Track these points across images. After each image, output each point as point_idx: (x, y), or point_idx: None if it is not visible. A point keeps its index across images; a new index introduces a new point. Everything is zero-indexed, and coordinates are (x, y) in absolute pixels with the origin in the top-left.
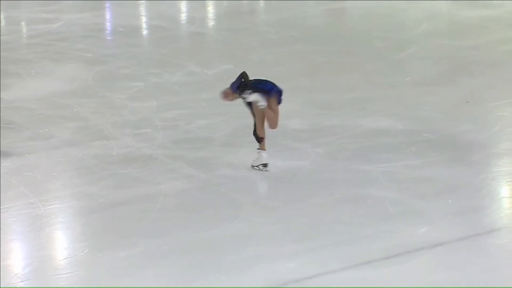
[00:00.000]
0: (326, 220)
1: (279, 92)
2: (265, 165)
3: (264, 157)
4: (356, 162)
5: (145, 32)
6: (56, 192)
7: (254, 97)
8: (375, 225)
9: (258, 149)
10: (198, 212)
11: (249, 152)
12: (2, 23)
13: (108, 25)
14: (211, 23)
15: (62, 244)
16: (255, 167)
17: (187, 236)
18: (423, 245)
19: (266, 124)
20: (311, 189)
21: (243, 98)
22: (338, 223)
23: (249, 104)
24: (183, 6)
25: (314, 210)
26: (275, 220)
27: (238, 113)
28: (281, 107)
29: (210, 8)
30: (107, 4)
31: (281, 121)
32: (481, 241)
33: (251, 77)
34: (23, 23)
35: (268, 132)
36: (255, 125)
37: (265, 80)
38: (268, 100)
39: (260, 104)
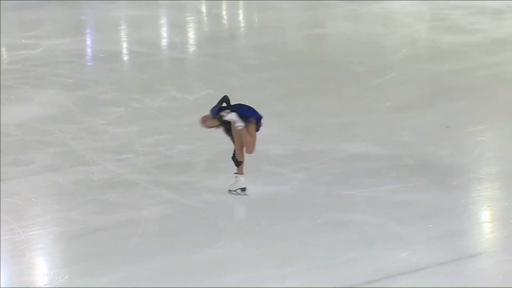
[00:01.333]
0: (308, 245)
1: (258, 119)
2: (243, 189)
3: (242, 181)
4: (337, 187)
5: (125, 57)
6: (36, 218)
7: (231, 116)
8: (356, 250)
9: (235, 173)
10: (180, 237)
11: (230, 177)
12: None
13: (88, 50)
14: (191, 48)
15: (42, 270)
16: (233, 192)
17: (169, 262)
18: (404, 270)
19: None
20: (293, 214)
21: (221, 117)
22: (320, 248)
23: (228, 130)
24: (164, 31)
25: (296, 234)
26: (257, 245)
27: (219, 138)
28: (262, 132)
29: (191, 34)
30: (88, 30)
31: (262, 146)
32: (462, 266)
33: (232, 102)
34: (3, 49)
35: (249, 157)
36: (234, 149)
37: (246, 106)
38: (246, 124)
39: (237, 124)
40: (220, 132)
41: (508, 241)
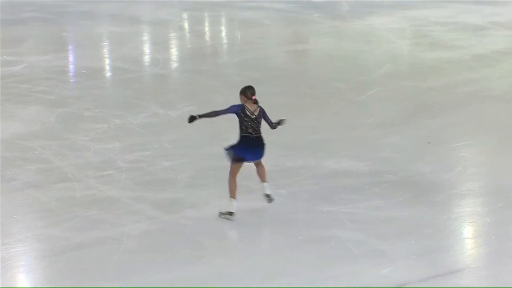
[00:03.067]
0: (290, 261)
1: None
2: (230, 213)
3: (233, 205)
4: (319, 203)
5: (108, 74)
6: (18, 235)
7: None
8: (338, 266)
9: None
10: (162, 253)
11: (213, 193)
12: None
13: (70, 67)
14: (174, 65)
15: (24, 287)
16: (221, 215)
17: (151, 278)
18: (386, 285)
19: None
20: (275, 230)
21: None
22: (302, 264)
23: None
24: (147, 48)
25: (278, 250)
26: (239, 261)
27: (201, 154)
28: None
29: (174, 50)
30: (70, 46)
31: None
32: (444, 282)
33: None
34: None
35: (226, 172)
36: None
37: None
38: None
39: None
40: (202, 148)
41: (490, 257)
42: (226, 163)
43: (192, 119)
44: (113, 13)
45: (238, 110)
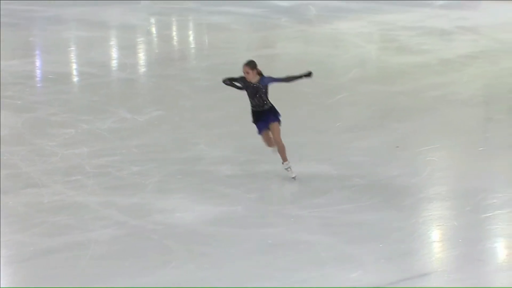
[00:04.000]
0: (259, 265)
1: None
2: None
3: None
4: (288, 207)
5: (75, 79)
6: None
7: None
8: (307, 270)
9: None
10: (130, 259)
11: (181, 198)
12: None
13: (38, 72)
14: (142, 69)
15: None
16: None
17: (120, 284)
18: None
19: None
20: (244, 234)
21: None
22: (271, 268)
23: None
24: (114, 53)
25: (247, 255)
26: (208, 266)
27: (170, 159)
28: (212, 152)
29: (141, 55)
30: (37, 51)
31: (213, 166)
32: (412, 285)
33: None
34: None
35: (198, 178)
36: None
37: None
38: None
39: None
40: (170, 153)
41: (458, 260)
42: (194, 168)
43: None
44: (81, 18)
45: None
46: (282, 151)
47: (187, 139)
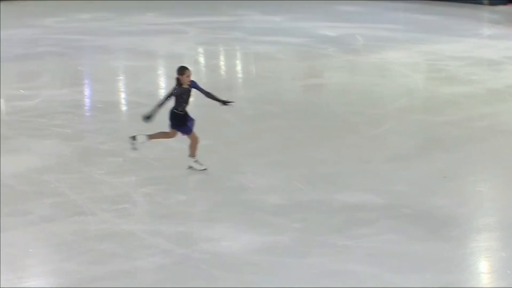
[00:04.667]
0: None
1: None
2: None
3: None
4: (333, 237)
5: (123, 107)
6: (33, 268)
7: None
8: None
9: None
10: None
11: (227, 227)
12: None
13: (86, 101)
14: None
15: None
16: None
17: None
18: None
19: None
20: (290, 264)
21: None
22: None
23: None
24: (162, 82)
25: (293, 285)
26: None
27: (216, 188)
28: (259, 181)
29: None
30: (86, 80)
31: (259, 195)
32: None
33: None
34: (2, 100)
35: (245, 207)
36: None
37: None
38: None
39: None
40: (216, 182)
41: None
42: (240, 197)
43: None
44: (129, 47)
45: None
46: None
47: (233, 168)
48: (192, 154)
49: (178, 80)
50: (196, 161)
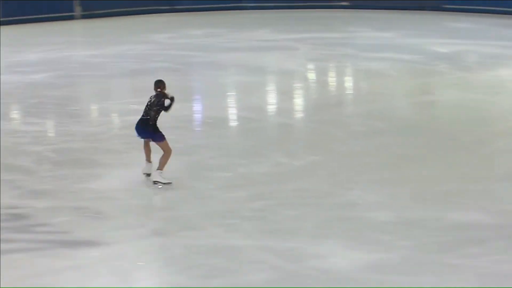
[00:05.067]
0: None
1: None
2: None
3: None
4: (443, 256)
5: (233, 123)
6: (143, 281)
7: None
8: None
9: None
10: None
11: (335, 243)
12: (95, 114)
13: (197, 116)
14: (299, 114)
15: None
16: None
17: None
18: None
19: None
20: (398, 282)
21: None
22: None
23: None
24: (272, 98)
25: None
26: None
27: (325, 204)
28: (367, 199)
29: (298, 100)
30: (196, 96)
31: (367, 213)
32: None
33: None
34: (114, 115)
35: (353, 224)
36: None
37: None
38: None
39: None
40: (325, 198)
41: None
42: (349, 213)
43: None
44: (239, 63)
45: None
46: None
47: (342, 184)
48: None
49: (163, 93)
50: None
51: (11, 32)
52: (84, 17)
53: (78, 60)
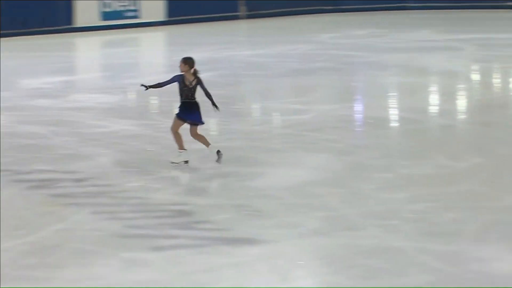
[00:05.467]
0: None
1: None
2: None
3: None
4: None
5: (394, 124)
6: (302, 280)
7: None
8: None
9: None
10: None
11: (499, 247)
12: (257, 113)
13: (358, 116)
14: (461, 116)
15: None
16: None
17: None
18: None
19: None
20: None
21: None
22: None
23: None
24: (434, 99)
25: None
26: None
27: (487, 207)
28: None
29: (462, 102)
30: (358, 96)
31: None
32: None
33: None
34: (275, 114)
35: None
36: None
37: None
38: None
39: None
40: (488, 201)
41: None
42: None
43: (148, 88)
44: (401, 64)
45: (180, 79)
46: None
47: (507, 187)
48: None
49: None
50: (180, 155)
51: (177, 31)
52: (248, 17)
53: (241, 59)
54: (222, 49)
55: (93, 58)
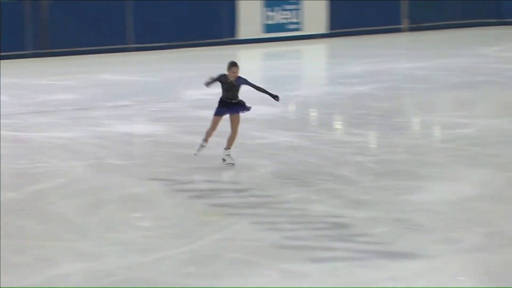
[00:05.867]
0: None
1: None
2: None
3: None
4: None
5: None
6: None
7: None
8: None
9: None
10: None
11: None
12: (417, 127)
13: None
14: None
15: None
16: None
17: None
18: None
19: None
20: None
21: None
22: None
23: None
24: None
25: None
26: None
27: None
28: None
29: None
30: None
31: None
32: None
33: None
34: (436, 127)
35: None
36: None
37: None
38: None
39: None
40: None
41: None
42: None
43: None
44: None
45: (221, 78)
46: (232, 139)
47: None
48: (228, 146)
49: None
50: (228, 155)
51: (338, 44)
52: (410, 29)
53: (402, 72)
54: (382, 61)
55: (254, 70)
